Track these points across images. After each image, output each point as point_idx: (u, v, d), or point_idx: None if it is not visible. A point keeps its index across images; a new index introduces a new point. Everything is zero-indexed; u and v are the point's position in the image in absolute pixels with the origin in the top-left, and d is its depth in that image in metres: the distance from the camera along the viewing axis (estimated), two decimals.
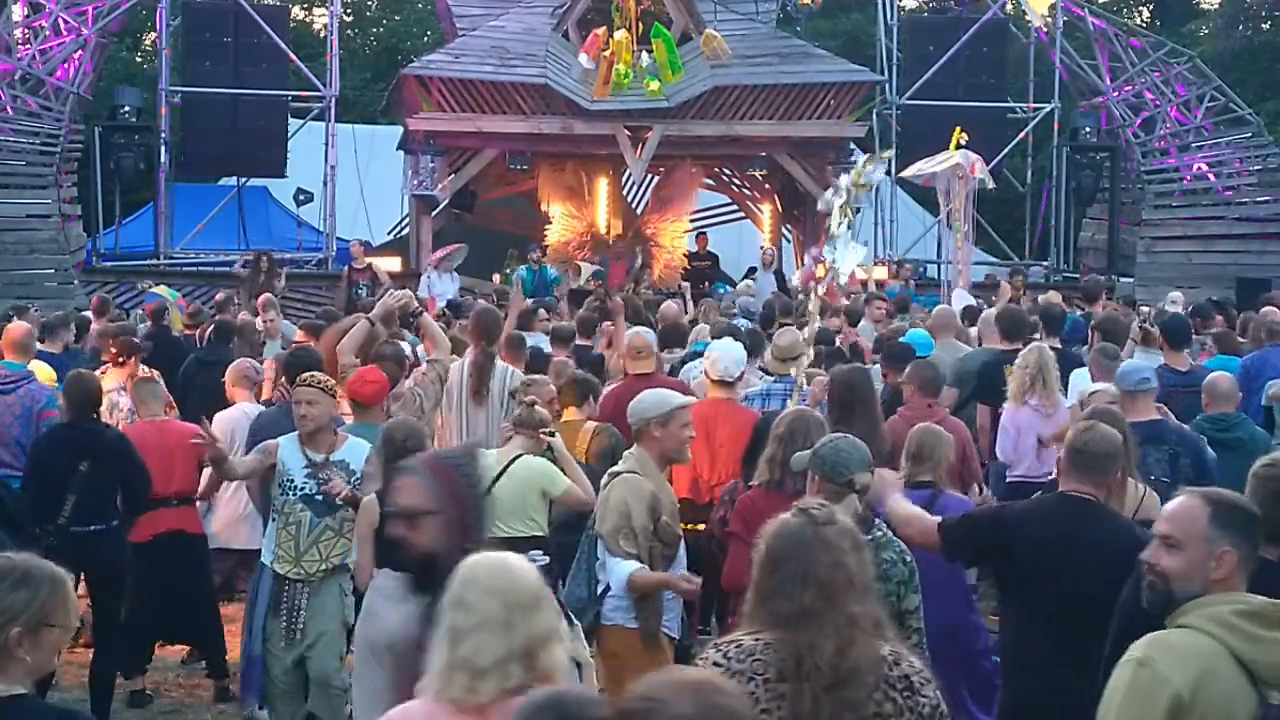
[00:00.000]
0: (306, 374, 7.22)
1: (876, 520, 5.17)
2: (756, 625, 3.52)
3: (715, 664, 3.49)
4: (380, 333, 8.78)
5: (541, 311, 12.85)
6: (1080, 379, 8.76)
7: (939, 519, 5.40)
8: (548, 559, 6.73)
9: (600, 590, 6.09)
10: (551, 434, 7.37)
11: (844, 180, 9.45)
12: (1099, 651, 4.17)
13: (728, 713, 2.64)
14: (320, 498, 6.90)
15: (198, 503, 8.69)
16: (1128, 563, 4.72)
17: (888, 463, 6.42)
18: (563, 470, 7.21)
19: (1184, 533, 3.62)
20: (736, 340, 9.23)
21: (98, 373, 9.30)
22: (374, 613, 6.33)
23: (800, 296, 9.68)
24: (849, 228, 9.52)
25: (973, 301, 14.85)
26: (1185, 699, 3.36)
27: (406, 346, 9.59)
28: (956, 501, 6.51)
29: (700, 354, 9.74)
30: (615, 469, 6.26)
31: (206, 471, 8.18)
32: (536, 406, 7.35)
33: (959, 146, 16.63)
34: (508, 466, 6.97)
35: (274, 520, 7.05)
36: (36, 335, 10.45)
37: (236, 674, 8.35)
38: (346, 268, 19.66)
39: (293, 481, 6.97)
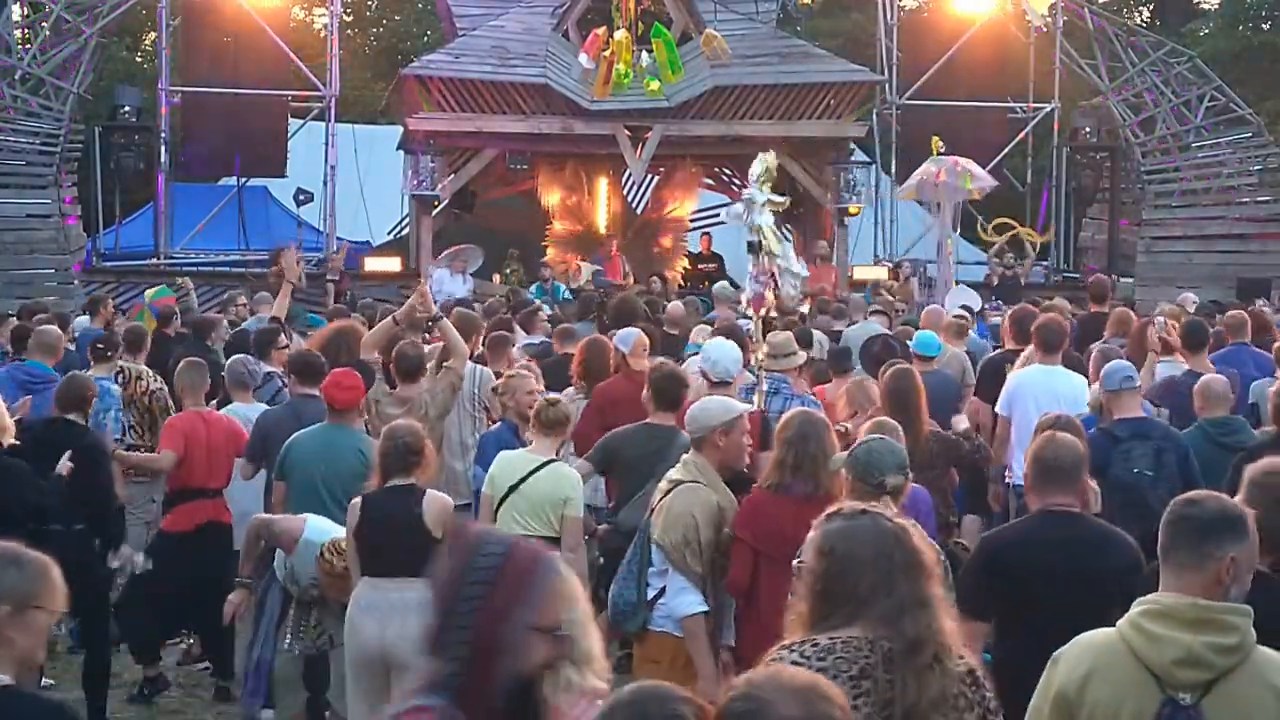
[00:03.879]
0: (326, 564, 6.81)
1: (912, 521, 5.15)
2: (833, 624, 3.45)
3: (794, 663, 3.37)
4: (401, 333, 8.81)
5: (543, 311, 12.94)
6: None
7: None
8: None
9: (652, 595, 5.98)
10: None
11: (751, 194, 9.47)
12: None
13: None
14: (321, 600, 6.86)
15: None
16: (1121, 569, 4.74)
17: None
18: None
19: None
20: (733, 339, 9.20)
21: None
22: (355, 627, 6.33)
23: (750, 321, 9.73)
24: (782, 240, 9.59)
25: (975, 299, 14.83)
26: (1071, 695, 3.51)
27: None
28: (919, 493, 6.49)
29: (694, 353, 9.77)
30: (675, 476, 6.07)
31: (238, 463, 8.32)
32: (560, 404, 7.35)
33: (940, 154, 16.73)
34: (540, 468, 6.91)
35: (292, 577, 7.00)
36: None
37: (239, 674, 8.39)
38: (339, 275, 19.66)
39: (297, 583, 6.91)
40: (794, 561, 3.62)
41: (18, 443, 7.45)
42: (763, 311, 9.54)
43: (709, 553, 5.82)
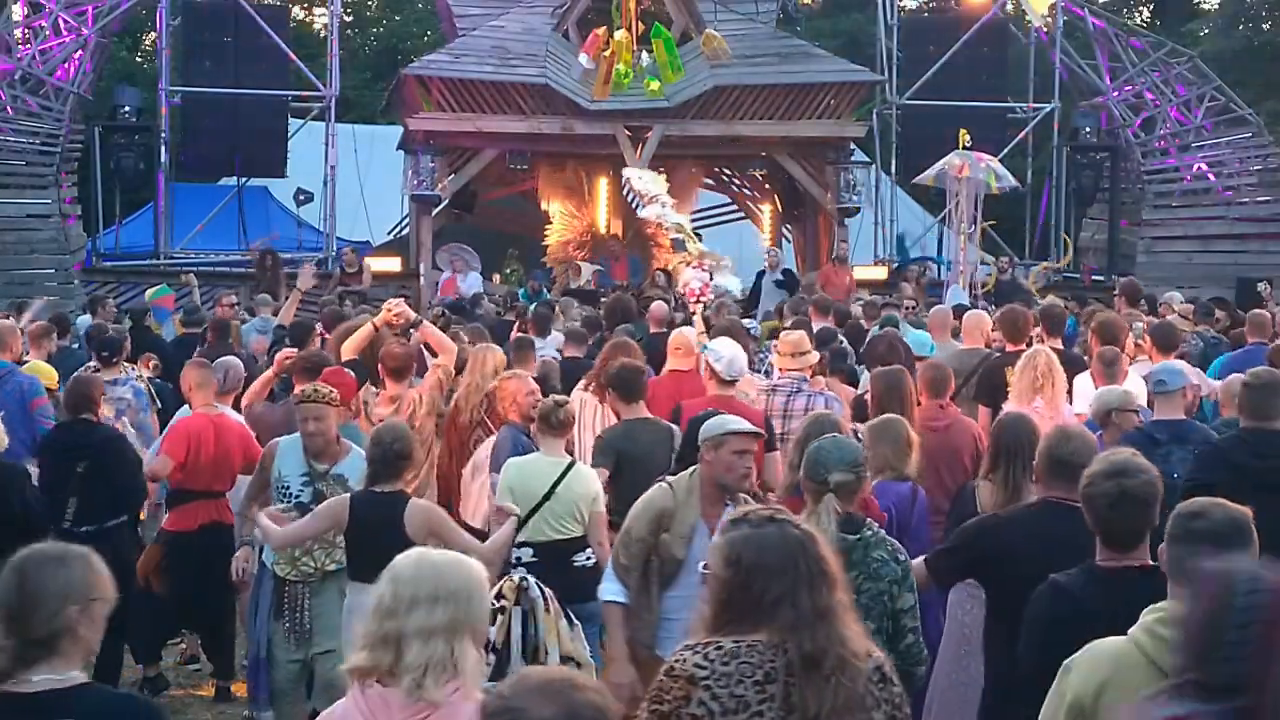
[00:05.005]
0: (310, 389, 7.19)
1: (867, 519, 5.18)
2: (737, 629, 3.49)
3: (698, 665, 3.44)
4: (384, 337, 8.81)
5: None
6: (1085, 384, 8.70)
7: (923, 558, 5.42)
8: (595, 559, 6.80)
9: None
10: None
11: (661, 196, 9.73)
12: None
13: (591, 709, 2.59)
14: (315, 508, 6.84)
15: None
16: None
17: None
18: None
19: None
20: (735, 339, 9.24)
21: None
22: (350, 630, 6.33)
23: (690, 312, 9.90)
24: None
25: (967, 300, 14.83)
26: (1086, 703, 3.51)
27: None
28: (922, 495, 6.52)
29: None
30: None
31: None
32: (568, 406, 7.36)
33: (966, 148, 16.67)
34: (567, 472, 7.02)
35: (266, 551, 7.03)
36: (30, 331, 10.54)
37: (239, 674, 8.40)
38: (338, 270, 19.66)
39: (288, 489, 6.94)
40: (700, 567, 3.63)
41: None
42: (706, 298, 9.75)
43: (638, 548, 5.85)
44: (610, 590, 5.91)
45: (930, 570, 5.36)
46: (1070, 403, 8.50)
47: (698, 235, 10.65)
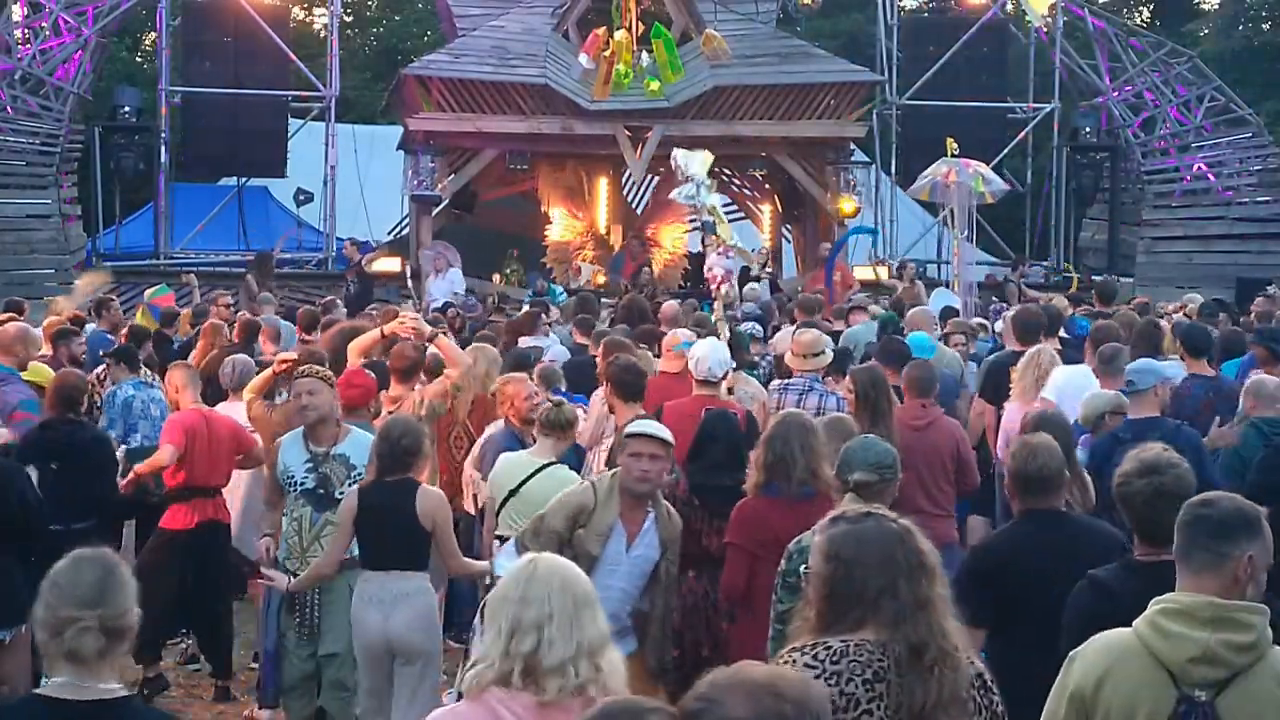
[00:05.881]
0: (305, 365, 7.31)
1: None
2: (842, 629, 3.48)
3: (808, 665, 3.41)
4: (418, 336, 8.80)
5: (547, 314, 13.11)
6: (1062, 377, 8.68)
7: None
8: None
9: None
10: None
11: (698, 177, 9.69)
12: None
13: (783, 719, 2.54)
14: (321, 492, 6.89)
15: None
16: (1101, 557, 4.76)
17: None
18: None
19: None
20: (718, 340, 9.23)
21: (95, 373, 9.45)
22: (359, 619, 6.35)
23: (713, 300, 9.92)
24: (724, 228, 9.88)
25: (957, 302, 14.81)
26: (1087, 694, 3.52)
27: None
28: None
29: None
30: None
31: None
32: (565, 407, 7.34)
33: (954, 155, 16.67)
34: (539, 471, 6.92)
35: (285, 516, 7.05)
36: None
37: (238, 674, 8.39)
38: (346, 269, 19.85)
39: (293, 478, 6.96)
40: (802, 568, 3.62)
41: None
42: (725, 288, 9.73)
43: (549, 539, 5.84)
44: (502, 566, 5.88)
45: (967, 620, 5.32)
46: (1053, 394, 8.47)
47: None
